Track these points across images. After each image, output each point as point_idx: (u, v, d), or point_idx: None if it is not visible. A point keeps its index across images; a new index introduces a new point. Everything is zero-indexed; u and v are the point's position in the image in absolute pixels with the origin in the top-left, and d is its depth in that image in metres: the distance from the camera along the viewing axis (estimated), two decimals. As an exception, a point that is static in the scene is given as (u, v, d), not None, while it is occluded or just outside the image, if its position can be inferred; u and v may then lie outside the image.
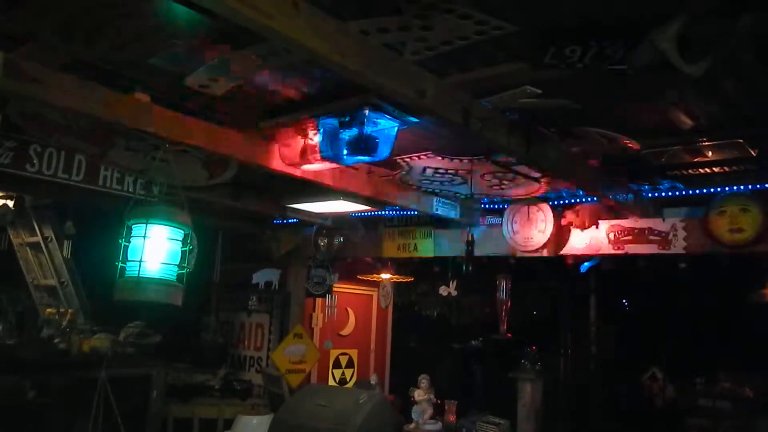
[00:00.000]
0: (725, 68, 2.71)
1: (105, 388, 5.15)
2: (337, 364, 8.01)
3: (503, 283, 6.25)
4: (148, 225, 3.27)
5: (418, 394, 6.00)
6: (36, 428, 4.93)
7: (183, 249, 3.43)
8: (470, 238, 4.83)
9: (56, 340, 5.50)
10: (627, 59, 2.48)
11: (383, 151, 3.38)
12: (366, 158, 3.38)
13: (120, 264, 3.28)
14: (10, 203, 6.22)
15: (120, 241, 3.32)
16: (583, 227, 5.10)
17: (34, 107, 3.59)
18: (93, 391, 5.11)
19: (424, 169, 4.64)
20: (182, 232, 3.42)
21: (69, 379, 5.18)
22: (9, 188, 5.77)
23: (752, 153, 3.83)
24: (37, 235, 6.89)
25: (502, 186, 5.04)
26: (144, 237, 3.26)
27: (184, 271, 3.43)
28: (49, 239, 6.89)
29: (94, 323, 6.17)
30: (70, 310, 6.11)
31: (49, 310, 6.17)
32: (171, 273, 3.32)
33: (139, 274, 3.21)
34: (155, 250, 3.27)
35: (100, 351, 5.49)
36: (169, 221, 3.33)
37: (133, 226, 3.33)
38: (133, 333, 5.88)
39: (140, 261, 3.22)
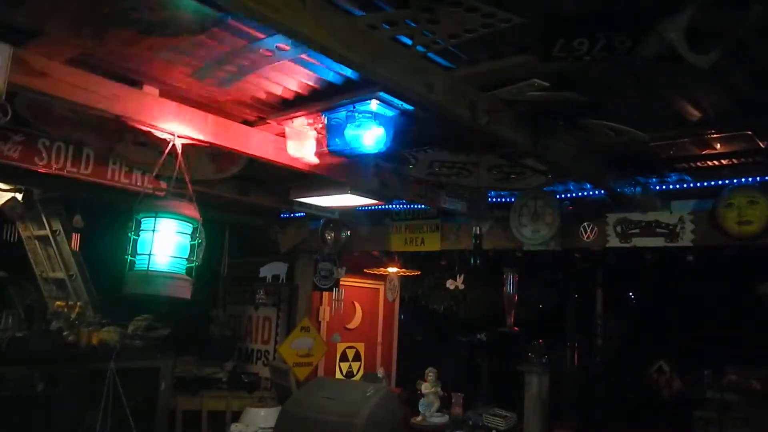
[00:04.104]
0: (734, 59, 2.70)
1: (114, 381, 5.18)
2: (344, 358, 8.03)
3: (510, 277, 6.24)
4: (157, 218, 3.28)
5: (426, 387, 6.02)
6: (45, 420, 4.97)
7: (192, 242, 3.44)
8: (478, 232, 4.83)
9: (65, 333, 5.53)
10: (635, 51, 2.48)
11: (391, 145, 3.38)
12: (373, 151, 3.38)
13: (129, 257, 3.29)
14: (19, 196, 6.26)
15: (129, 234, 3.33)
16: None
17: (43, 101, 3.60)
18: (102, 384, 5.14)
19: (432, 162, 4.64)
20: (191, 225, 3.43)
21: (78, 372, 5.21)
22: (18, 182, 5.79)
23: (761, 144, 3.82)
24: (45, 228, 6.92)
25: (510, 179, 5.04)
26: (153, 230, 3.27)
27: (193, 265, 3.45)
28: (58, 232, 6.92)
29: (102, 316, 6.21)
30: (78, 303, 6.13)
31: (58, 302, 6.20)
32: (180, 266, 3.33)
33: (148, 267, 3.22)
34: (164, 243, 3.28)
35: (109, 344, 5.52)
36: (177, 215, 3.34)
37: (142, 220, 3.34)
38: (142, 326, 5.90)
39: (149, 254, 3.23)
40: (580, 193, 5.39)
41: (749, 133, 3.67)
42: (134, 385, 5.40)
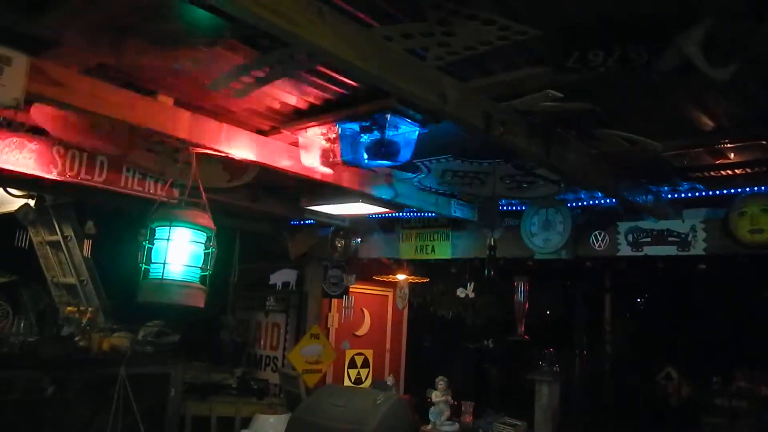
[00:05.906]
0: (749, 68, 2.69)
1: (124, 386, 5.20)
2: (352, 364, 8.02)
3: (521, 285, 6.23)
4: (172, 227, 3.30)
5: (436, 396, 6.00)
6: (56, 424, 4.99)
7: (206, 251, 3.46)
8: (492, 243, 4.81)
9: (77, 338, 5.56)
10: (651, 63, 2.47)
11: (404, 156, 3.38)
12: (387, 163, 3.39)
13: (143, 266, 3.31)
14: (31, 202, 6.29)
15: (143, 243, 3.34)
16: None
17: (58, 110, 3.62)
18: (112, 389, 5.17)
19: (444, 171, 4.64)
20: (205, 234, 3.44)
21: (89, 377, 5.24)
22: (32, 189, 5.82)
23: (775, 154, 3.81)
24: (57, 234, 6.95)
25: (522, 188, 5.03)
26: (167, 239, 3.29)
27: (207, 273, 3.46)
28: (69, 238, 6.95)
29: (113, 322, 6.23)
30: (90, 309, 6.16)
31: (69, 308, 6.23)
32: (194, 275, 3.35)
33: (162, 276, 3.24)
34: (178, 252, 3.29)
35: (120, 349, 5.55)
36: (192, 224, 3.35)
37: (156, 228, 3.35)
38: (152, 332, 5.92)
39: (164, 263, 3.25)
40: (591, 202, 5.37)
41: (763, 142, 3.66)
42: (144, 390, 5.42)
